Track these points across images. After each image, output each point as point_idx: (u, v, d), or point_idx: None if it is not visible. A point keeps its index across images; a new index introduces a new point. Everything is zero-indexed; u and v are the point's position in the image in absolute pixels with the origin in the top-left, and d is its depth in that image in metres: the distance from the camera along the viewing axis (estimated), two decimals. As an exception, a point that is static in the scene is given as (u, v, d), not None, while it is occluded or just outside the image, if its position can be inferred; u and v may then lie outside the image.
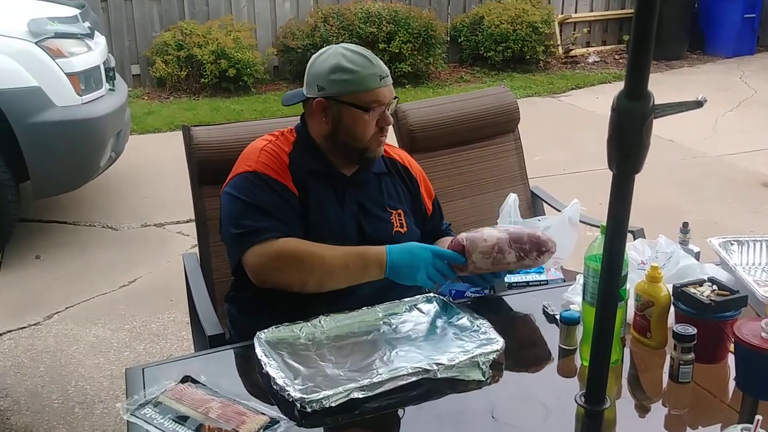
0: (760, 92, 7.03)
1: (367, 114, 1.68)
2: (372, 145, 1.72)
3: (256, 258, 1.62)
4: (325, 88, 1.69)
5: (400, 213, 1.81)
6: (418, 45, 7.19)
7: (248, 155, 1.74)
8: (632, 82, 1.09)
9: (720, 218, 4.17)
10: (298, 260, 1.61)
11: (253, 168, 1.69)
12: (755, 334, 1.30)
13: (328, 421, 1.28)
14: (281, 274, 1.61)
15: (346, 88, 1.67)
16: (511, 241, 1.61)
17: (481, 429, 1.30)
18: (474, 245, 1.61)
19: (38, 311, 3.26)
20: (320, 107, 1.70)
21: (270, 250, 1.61)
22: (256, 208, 1.65)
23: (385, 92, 1.70)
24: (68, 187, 3.96)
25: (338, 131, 1.71)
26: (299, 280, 1.62)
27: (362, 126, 1.69)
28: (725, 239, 1.81)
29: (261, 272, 1.63)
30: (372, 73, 1.68)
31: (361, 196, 1.77)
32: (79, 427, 2.50)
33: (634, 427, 1.33)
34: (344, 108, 1.68)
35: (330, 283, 1.62)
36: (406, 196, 1.86)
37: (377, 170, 1.81)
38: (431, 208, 1.93)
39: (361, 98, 1.67)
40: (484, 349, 1.41)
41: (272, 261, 1.61)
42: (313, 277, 1.61)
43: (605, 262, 1.22)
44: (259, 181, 1.67)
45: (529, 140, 2.90)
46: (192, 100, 6.82)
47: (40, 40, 3.58)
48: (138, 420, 1.27)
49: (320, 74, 1.70)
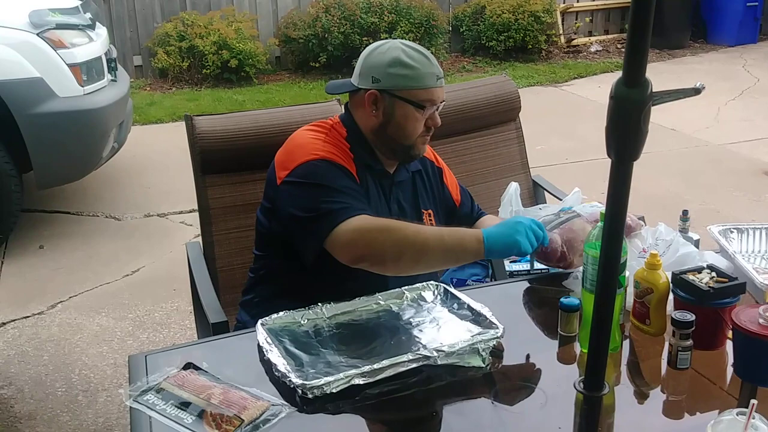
0: (762, 81, 7.01)
1: (420, 112, 1.67)
2: (417, 143, 1.72)
3: (348, 234, 1.56)
4: (380, 80, 1.67)
5: (430, 213, 1.82)
6: (419, 35, 7.17)
7: (308, 145, 1.68)
8: (630, 70, 1.09)
9: (721, 207, 4.17)
10: (392, 232, 1.56)
11: (321, 156, 1.65)
12: (753, 320, 1.30)
13: (329, 407, 1.29)
14: (375, 246, 1.56)
15: (404, 82, 1.66)
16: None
17: (480, 415, 1.31)
18: (573, 249, 1.63)
19: (42, 301, 3.28)
20: (372, 99, 1.68)
21: (363, 223, 1.57)
22: (334, 190, 1.61)
23: (439, 93, 1.69)
24: (71, 178, 3.97)
25: (388, 126, 1.69)
26: (395, 253, 1.57)
27: (413, 123, 1.68)
28: (725, 227, 1.81)
29: (355, 246, 1.56)
30: (430, 72, 1.67)
31: (400, 196, 1.78)
32: (83, 415, 2.52)
33: (633, 413, 1.34)
34: (398, 103, 1.67)
35: (426, 260, 1.59)
36: (434, 193, 1.86)
37: (413, 168, 1.81)
38: (459, 197, 1.92)
39: (417, 95, 1.66)
40: (485, 336, 1.42)
41: (366, 233, 1.56)
42: (409, 250, 1.57)
43: (604, 249, 1.22)
44: (332, 167, 1.64)
45: (531, 129, 2.90)
46: (194, 90, 6.82)
47: (42, 31, 3.58)
48: (140, 406, 1.28)
49: (377, 66, 1.68)
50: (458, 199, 1.92)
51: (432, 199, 1.85)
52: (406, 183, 1.80)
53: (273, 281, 1.79)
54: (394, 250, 1.57)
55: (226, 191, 2.11)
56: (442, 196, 1.88)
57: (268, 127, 2.11)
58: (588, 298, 1.42)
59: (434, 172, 1.88)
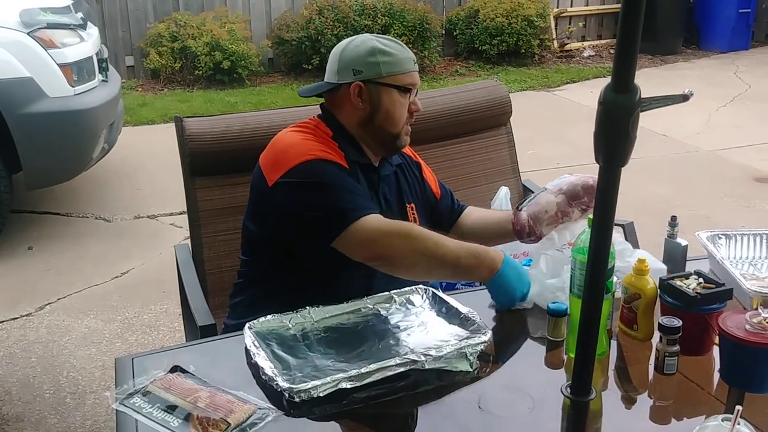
0: (754, 87, 7.05)
1: (405, 96, 1.70)
2: (403, 132, 1.74)
3: (365, 232, 1.56)
4: (362, 71, 1.68)
5: (413, 207, 1.83)
6: (413, 38, 7.18)
7: (298, 146, 1.66)
8: (619, 75, 1.10)
9: (712, 213, 4.19)
10: (412, 240, 1.57)
11: (317, 156, 1.63)
12: (739, 326, 1.31)
13: (316, 410, 1.28)
14: (395, 249, 1.57)
15: (387, 69, 1.68)
16: (569, 200, 1.69)
17: (467, 419, 1.31)
18: (539, 221, 1.69)
19: (30, 302, 3.26)
20: (357, 91, 1.69)
21: (381, 223, 1.57)
22: (341, 188, 1.60)
23: (417, 77, 1.74)
24: (61, 179, 3.96)
25: (376, 115, 1.70)
26: (411, 261, 1.58)
27: (400, 109, 1.70)
28: (713, 233, 1.82)
29: (375, 244, 1.56)
30: (408, 57, 1.71)
31: (387, 190, 1.78)
32: (71, 417, 2.51)
33: (620, 418, 1.34)
34: (383, 90, 1.69)
35: (438, 273, 1.61)
36: (416, 187, 1.87)
37: (396, 162, 1.83)
38: (439, 191, 1.94)
39: (401, 80, 1.69)
40: (472, 341, 1.42)
41: (387, 236, 1.57)
42: (424, 260, 1.57)
43: (592, 254, 1.22)
44: (331, 165, 1.63)
45: (522, 134, 2.91)
46: (186, 92, 6.80)
47: (32, 31, 3.57)
48: (127, 409, 1.28)
49: (356, 58, 1.69)
50: (438, 192, 1.94)
51: (414, 192, 1.86)
52: (390, 177, 1.81)
53: (259, 286, 1.78)
54: (412, 258, 1.58)
55: (215, 193, 2.10)
56: (423, 189, 1.90)
57: (259, 130, 2.10)
58: (575, 303, 1.42)
59: (413, 166, 1.91)
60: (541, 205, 1.70)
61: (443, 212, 1.93)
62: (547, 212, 1.69)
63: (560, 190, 1.72)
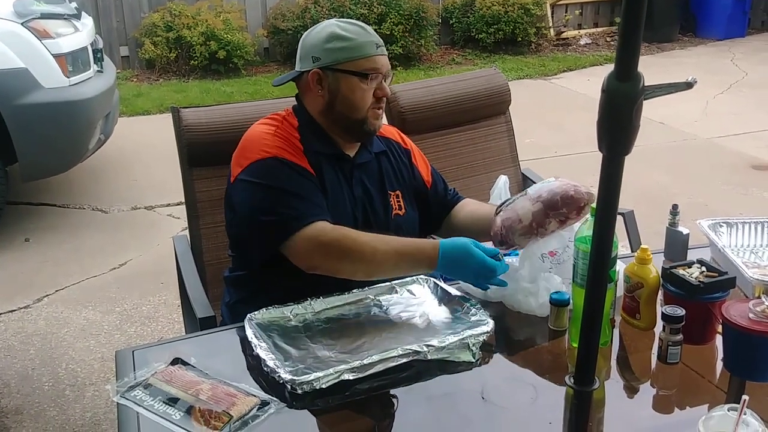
0: (750, 75, 7.04)
1: (365, 82, 1.65)
2: (369, 116, 1.69)
3: (305, 243, 1.57)
4: (320, 58, 1.65)
5: (398, 194, 1.80)
6: (409, 27, 7.15)
7: (258, 141, 1.67)
8: (622, 63, 1.08)
9: (710, 200, 4.19)
10: (349, 251, 1.56)
11: (272, 153, 1.63)
12: (743, 315, 1.31)
13: (319, 402, 1.28)
14: (330, 260, 1.57)
15: (343, 55, 1.64)
16: (546, 210, 1.55)
17: (470, 410, 1.31)
18: (511, 231, 1.58)
19: (28, 294, 3.25)
20: (316, 79, 1.67)
21: (320, 233, 1.57)
22: (288, 193, 1.60)
23: (382, 60, 1.68)
24: (57, 170, 3.93)
25: (335, 102, 1.67)
26: (350, 269, 1.58)
27: (360, 94, 1.66)
28: (714, 221, 1.81)
29: (311, 256, 1.57)
30: (368, 41, 1.66)
31: (365, 178, 1.75)
32: (70, 410, 2.50)
33: (623, 408, 1.34)
34: (341, 76, 1.65)
35: (379, 273, 1.60)
36: (403, 174, 1.84)
37: (377, 150, 1.79)
38: (430, 179, 1.90)
39: (359, 65, 1.65)
40: (475, 331, 1.42)
41: (323, 246, 1.56)
42: (364, 265, 1.57)
43: (595, 243, 1.21)
44: (283, 166, 1.62)
45: (520, 122, 2.89)
46: (182, 82, 6.77)
47: (26, 21, 3.54)
48: (128, 402, 1.27)
49: (315, 45, 1.67)
50: (429, 180, 1.90)
51: (400, 179, 1.82)
52: (370, 164, 1.77)
53: (247, 283, 1.76)
54: (349, 265, 1.58)
55: (213, 184, 2.09)
56: (411, 176, 1.85)
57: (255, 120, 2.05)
58: (578, 293, 1.41)
59: (402, 152, 1.86)
60: (516, 214, 1.59)
61: (433, 201, 1.89)
62: (521, 222, 1.56)
63: (539, 198, 1.58)
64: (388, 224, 1.72)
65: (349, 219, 1.67)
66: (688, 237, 1.76)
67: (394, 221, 1.75)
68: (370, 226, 1.68)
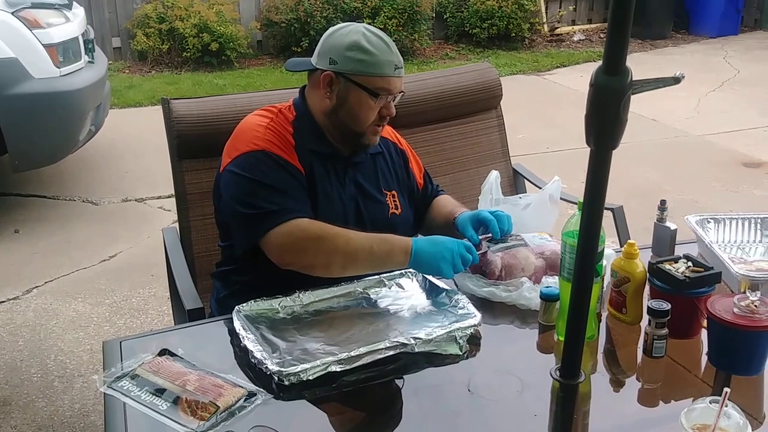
0: (742, 72, 7.07)
1: (374, 100, 1.64)
2: (368, 132, 1.69)
3: (280, 238, 1.57)
4: (337, 63, 1.63)
5: (394, 194, 1.80)
6: (403, 21, 7.14)
7: (249, 133, 1.67)
8: (610, 58, 1.09)
9: (700, 197, 4.21)
10: (323, 242, 1.56)
11: (261, 147, 1.63)
12: (728, 310, 1.32)
13: (306, 394, 1.28)
14: (306, 254, 1.57)
15: (360, 68, 1.62)
16: (547, 268, 1.63)
17: (457, 402, 1.31)
18: (512, 276, 1.62)
19: (17, 285, 3.24)
20: (327, 81, 1.65)
21: (295, 230, 1.57)
22: (271, 188, 1.60)
23: (397, 83, 1.66)
24: (47, 161, 3.91)
25: (340, 110, 1.66)
26: (324, 261, 1.57)
27: (366, 111, 1.65)
28: (702, 217, 1.82)
29: (286, 252, 1.57)
30: (388, 60, 1.63)
31: (359, 177, 1.75)
32: (59, 401, 2.50)
33: (608, 401, 1.35)
34: (352, 88, 1.64)
35: (354, 267, 1.59)
36: (397, 174, 1.84)
37: (373, 150, 1.79)
38: (422, 182, 1.92)
39: (373, 82, 1.63)
40: (462, 324, 1.42)
41: (298, 241, 1.57)
42: (338, 259, 1.57)
43: (582, 237, 1.22)
44: (270, 160, 1.62)
45: (512, 118, 2.90)
46: (174, 74, 6.74)
47: (17, 10, 3.52)
48: (115, 392, 1.27)
49: (336, 47, 1.64)
50: (421, 183, 1.92)
51: (395, 180, 1.83)
52: (366, 164, 1.77)
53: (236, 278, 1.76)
54: (323, 259, 1.58)
55: (203, 176, 2.08)
56: (406, 178, 1.87)
57: (247, 112, 2.05)
58: (565, 287, 1.42)
59: (398, 154, 1.87)
60: (519, 262, 1.62)
61: (421, 203, 1.91)
62: (524, 271, 1.61)
63: (542, 254, 1.64)
64: (384, 223, 1.72)
65: (340, 217, 1.67)
66: (676, 232, 1.77)
67: (391, 220, 1.75)
68: (362, 225, 1.68)
